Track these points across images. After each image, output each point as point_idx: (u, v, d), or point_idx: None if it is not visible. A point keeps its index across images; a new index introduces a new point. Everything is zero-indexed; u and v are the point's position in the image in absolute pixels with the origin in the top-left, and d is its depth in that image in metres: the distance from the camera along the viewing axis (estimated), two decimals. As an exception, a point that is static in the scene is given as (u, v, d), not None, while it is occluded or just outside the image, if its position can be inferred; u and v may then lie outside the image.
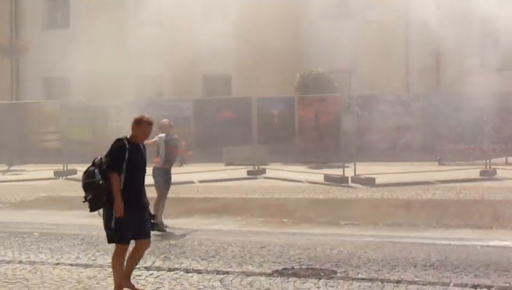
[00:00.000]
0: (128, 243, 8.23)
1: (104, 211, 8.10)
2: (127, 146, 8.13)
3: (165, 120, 14.03)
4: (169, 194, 14.00)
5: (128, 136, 8.28)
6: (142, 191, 8.34)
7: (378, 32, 29.71)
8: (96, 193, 7.95)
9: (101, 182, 7.96)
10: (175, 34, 31.50)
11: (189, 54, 31.20)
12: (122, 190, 7.99)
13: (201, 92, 32.37)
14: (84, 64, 30.64)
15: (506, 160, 24.85)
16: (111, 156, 8.12)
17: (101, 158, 8.15)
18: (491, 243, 11.74)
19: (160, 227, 12.73)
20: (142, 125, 8.30)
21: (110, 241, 8.20)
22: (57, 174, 24.33)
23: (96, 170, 8.03)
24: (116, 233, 8.04)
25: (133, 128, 8.30)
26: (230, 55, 30.50)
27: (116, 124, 28.04)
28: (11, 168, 27.14)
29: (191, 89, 31.31)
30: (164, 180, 13.68)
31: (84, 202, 8.13)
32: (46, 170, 24.60)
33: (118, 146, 8.13)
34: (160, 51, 30.85)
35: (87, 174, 8.08)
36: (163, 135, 13.75)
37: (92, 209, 8.13)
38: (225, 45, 30.33)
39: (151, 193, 9.73)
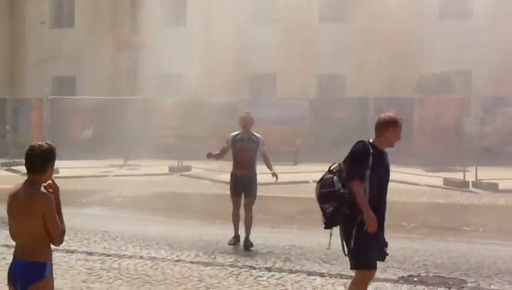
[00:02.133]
0: (371, 268, 6.83)
1: (340, 229, 6.78)
2: (371, 150, 6.66)
3: (245, 113, 11.96)
4: (286, 193, 13.66)
5: (371, 140, 6.79)
6: (383, 208, 6.82)
7: (501, 31, 28.63)
8: (337, 204, 6.60)
9: (342, 191, 6.59)
10: (290, 32, 31.39)
11: (302, 52, 31.06)
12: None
13: (315, 91, 32.02)
14: (200, 61, 30.93)
15: None
16: (351, 160, 6.69)
17: (339, 164, 6.78)
18: None
19: (231, 241, 11.52)
20: (398, 127, 6.76)
21: (352, 266, 6.84)
22: (172, 170, 24.54)
23: (335, 178, 6.66)
24: (357, 256, 6.67)
25: (387, 131, 6.72)
26: (345, 55, 30.10)
27: (229, 122, 28.15)
28: (127, 163, 27.62)
29: (304, 88, 31.02)
30: (231, 187, 11.68)
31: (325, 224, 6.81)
32: (161, 166, 24.83)
33: (360, 149, 6.69)
34: (274, 49, 30.81)
35: (323, 182, 6.72)
36: (235, 132, 11.73)
37: (328, 225, 6.77)
38: (340, 44, 30.03)
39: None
